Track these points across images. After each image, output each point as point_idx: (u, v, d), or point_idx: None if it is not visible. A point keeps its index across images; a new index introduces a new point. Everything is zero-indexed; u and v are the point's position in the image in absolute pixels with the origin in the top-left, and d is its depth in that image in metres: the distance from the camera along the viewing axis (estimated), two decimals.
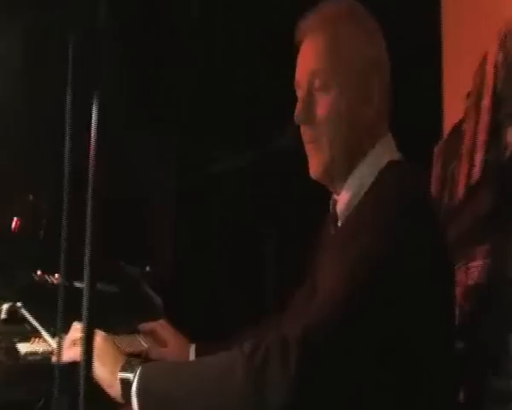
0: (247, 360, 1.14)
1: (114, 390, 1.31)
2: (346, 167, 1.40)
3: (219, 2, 2.83)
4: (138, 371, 1.29)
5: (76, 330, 1.39)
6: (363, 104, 1.38)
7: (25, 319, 1.39)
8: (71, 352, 1.36)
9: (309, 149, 1.43)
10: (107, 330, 1.48)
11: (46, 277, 1.60)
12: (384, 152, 1.40)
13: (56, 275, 1.66)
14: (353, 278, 1.19)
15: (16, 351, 1.25)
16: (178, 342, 1.71)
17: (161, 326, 1.76)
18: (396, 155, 1.42)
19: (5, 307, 1.32)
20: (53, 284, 1.61)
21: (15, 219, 1.78)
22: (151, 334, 1.74)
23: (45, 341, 1.39)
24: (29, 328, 1.39)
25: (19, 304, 1.37)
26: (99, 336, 1.37)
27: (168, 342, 1.71)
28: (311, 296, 1.43)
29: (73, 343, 1.37)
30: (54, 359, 1.36)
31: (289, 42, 1.44)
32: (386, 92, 1.42)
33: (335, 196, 1.45)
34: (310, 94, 1.40)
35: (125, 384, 1.29)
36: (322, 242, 1.55)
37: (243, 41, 2.76)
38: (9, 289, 1.42)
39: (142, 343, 1.67)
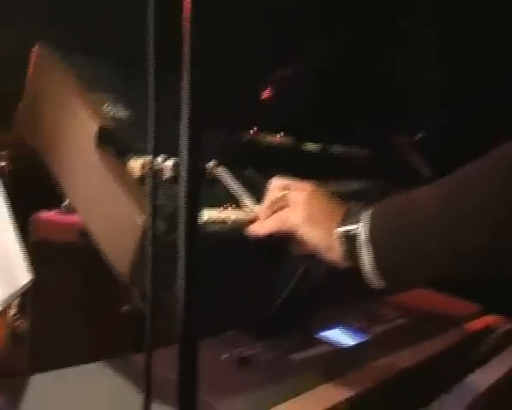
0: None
1: (333, 253, 0.96)
2: None
3: None
4: (366, 216, 0.93)
5: (276, 188, 1.03)
6: None
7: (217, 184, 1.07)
8: (269, 222, 1.02)
9: None
10: None
11: (263, 135, 1.27)
12: None
13: (281, 134, 1.32)
14: None
15: None
16: None
17: None
18: None
19: (170, 163, 1.01)
20: (271, 144, 1.27)
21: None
22: None
23: (242, 208, 1.06)
24: (223, 193, 1.07)
25: (210, 163, 1.06)
26: (307, 189, 1.00)
27: None
28: None
29: (272, 208, 1.03)
30: (252, 228, 1.03)
31: None
32: None
33: None
34: None
35: (349, 239, 0.93)
36: None
37: None
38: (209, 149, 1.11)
39: None
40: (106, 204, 0.85)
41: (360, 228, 0.92)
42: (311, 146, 1.37)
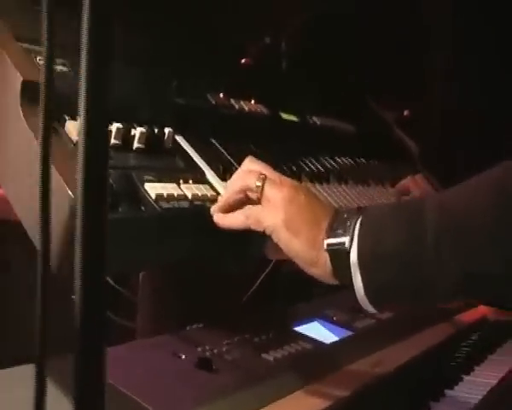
0: None
1: (320, 268, 0.79)
2: None
3: None
4: (357, 227, 0.76)
5: (250, 174, 0.84)
6: None
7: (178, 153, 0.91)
8: (238, 216, 0.84)
9: None
10: None
11: (232, 102, 1.10)
12: None
13: (252, 101, 1.16)
14: None
15: (138, 191, 0.77)
16: None
17: (414, 182, 1.38)
18: None
19: (139, 130, 0.85)
20: (241, 110, 1.11)
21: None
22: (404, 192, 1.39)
23: (205, 183, 0.90)
24: (183, 166, 0.91)
25: (168, 129, 0.90)
26: (286, 186, 0.83)
27: None
28: None
29: (240, 195, 0.84)
30: (216, 217, 0.87)
31: None
32: None
33: None
34: None
35: (338, 254, 0.77)
36: None
37: None
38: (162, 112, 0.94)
39: None
40: (28, 172, 0.69)
41: (350, 241, 0.76)
42: (288, 116, 1.21)
